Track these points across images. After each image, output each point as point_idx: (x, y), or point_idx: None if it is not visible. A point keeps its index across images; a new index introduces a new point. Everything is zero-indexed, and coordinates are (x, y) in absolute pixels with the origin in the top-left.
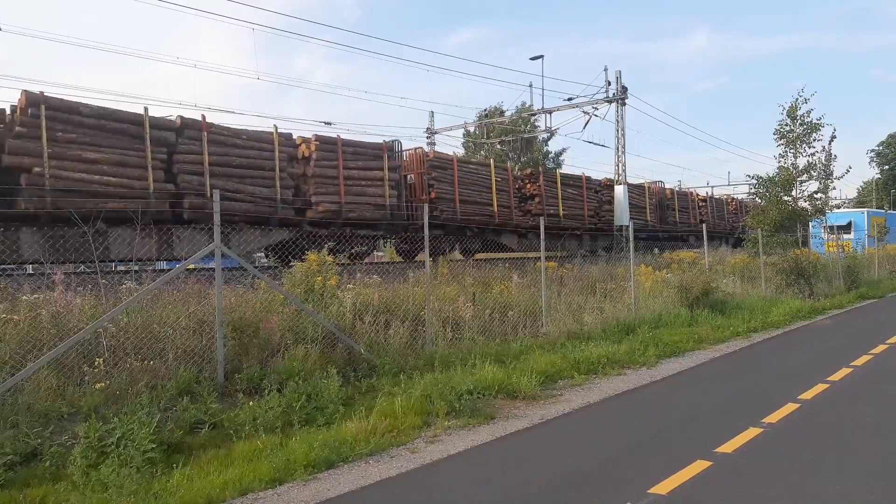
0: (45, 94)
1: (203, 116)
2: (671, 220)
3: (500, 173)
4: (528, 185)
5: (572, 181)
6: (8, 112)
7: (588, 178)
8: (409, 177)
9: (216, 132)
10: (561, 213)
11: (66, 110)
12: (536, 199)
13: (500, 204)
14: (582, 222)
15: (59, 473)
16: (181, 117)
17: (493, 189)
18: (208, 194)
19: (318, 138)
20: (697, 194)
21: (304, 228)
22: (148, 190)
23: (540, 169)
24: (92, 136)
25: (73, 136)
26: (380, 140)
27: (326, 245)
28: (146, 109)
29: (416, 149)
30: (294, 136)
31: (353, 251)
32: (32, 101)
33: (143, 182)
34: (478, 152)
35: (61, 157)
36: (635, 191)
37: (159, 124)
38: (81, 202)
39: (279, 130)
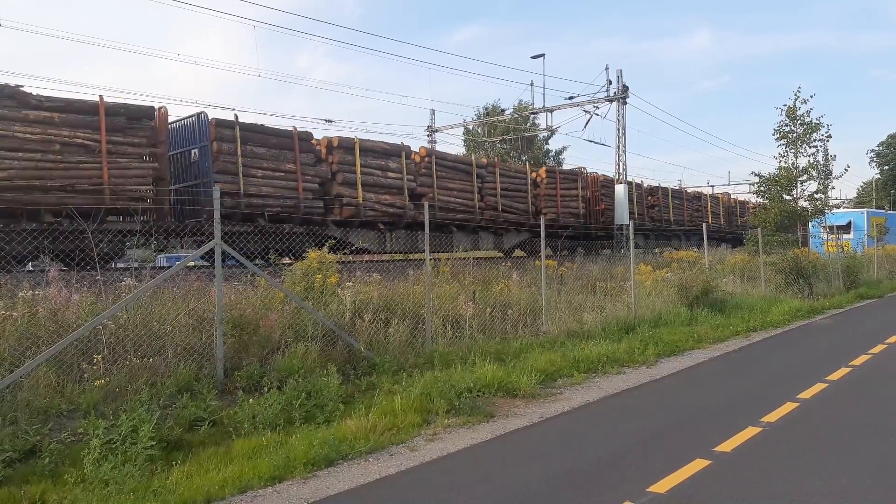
0: (435, 150)
1: (497, 159)
2: (735, 224)
3: (637, 189)
4: (650, 198)
5: (676, 194)
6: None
7: (686, 192)
8: (586, 193)
9: (502, 168)
10: (672, 218)
11: (441, 157)
12: (655, 209)
13: (637, 212)
14: (682, 226)
15: (58, 470)
16: (486, 160)
17: (634, 201)
18: (499, 208)
19: (546, 169)
20: (750, 202)
21: (536, 231)
22: (474, 207)
23: (659, 185)
24: (451, 174)
25: (443, 174)
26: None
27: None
28: (474, 156)
29: (592, 173)
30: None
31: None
32: (428, 152)
33: (472, 202)
34: (478, 150)
35: (440, 187)
36: (713, 201)
37: (477, 164)
38: (450, 215)
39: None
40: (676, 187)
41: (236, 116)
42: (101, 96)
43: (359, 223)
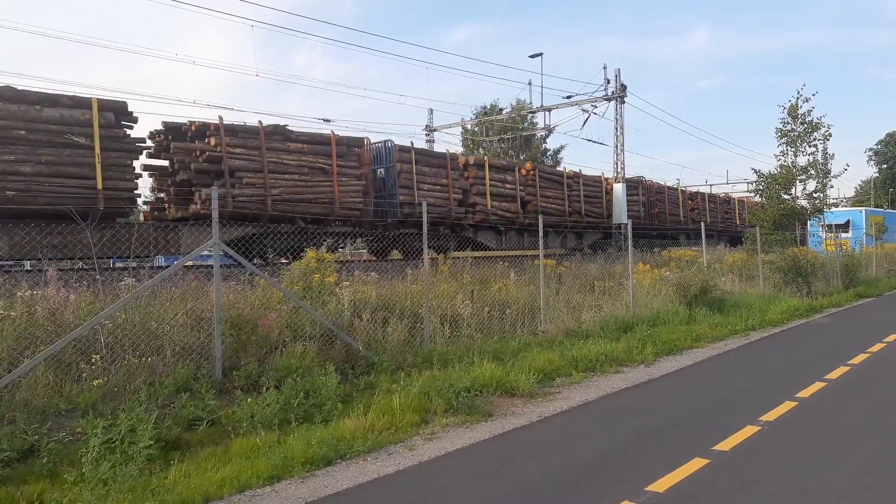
0: (538, 165)
1: (578, 171)
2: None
3: (682, 194)
4: (691, 202)
5: (711, 199)
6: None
7: (719, 196)
8: (644, 198)
9: (584, 178)
10: (708, 220)
11: (541, 170)
12: (696, 211)
13: (683, 214)
14: (716, 226)
15: (56, 470)
16: (574, 171)
17: (680, 205)
18: (582, 212)
19: (616, 178)
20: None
21: (607, 231)
22: (564, 212)
23: (700, 190)
24: (548, 184)
25: (544, 185)
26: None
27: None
28: (564, 169)
29: (648, 180)
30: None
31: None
32: (533, 167)
33: (562, 207)
34: (476, 150)
35: (541, 195)
36: (740, 204)
37: (567, 175)
38: (547, 218)
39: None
40: (713, 193)
41: (412, 143)
42: (332, 131)
43: (486, 226)
